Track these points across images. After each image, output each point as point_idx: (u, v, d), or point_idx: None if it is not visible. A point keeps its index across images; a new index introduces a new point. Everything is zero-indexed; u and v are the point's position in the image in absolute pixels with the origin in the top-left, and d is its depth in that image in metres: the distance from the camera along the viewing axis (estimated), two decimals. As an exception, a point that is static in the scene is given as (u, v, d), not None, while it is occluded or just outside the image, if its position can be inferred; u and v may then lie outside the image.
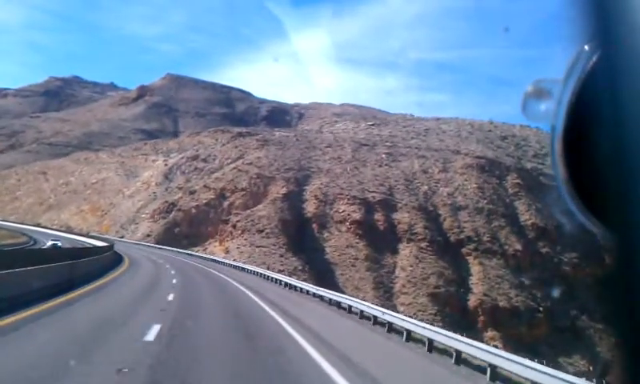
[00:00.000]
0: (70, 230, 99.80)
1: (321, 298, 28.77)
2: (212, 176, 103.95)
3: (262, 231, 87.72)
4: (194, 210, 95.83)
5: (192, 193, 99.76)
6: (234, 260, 78.60)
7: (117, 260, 45.64)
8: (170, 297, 21.84)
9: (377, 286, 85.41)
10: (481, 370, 12.72)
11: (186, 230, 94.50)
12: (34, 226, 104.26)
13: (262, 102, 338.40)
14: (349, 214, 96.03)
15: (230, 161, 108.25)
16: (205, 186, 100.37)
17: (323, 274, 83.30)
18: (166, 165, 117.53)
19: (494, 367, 11.86)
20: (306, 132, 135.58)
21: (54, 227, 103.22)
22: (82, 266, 27.82)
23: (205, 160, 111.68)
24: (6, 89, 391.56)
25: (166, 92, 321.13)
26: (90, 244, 63.18)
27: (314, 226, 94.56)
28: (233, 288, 32.16)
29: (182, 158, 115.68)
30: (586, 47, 0.83)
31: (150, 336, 11.77)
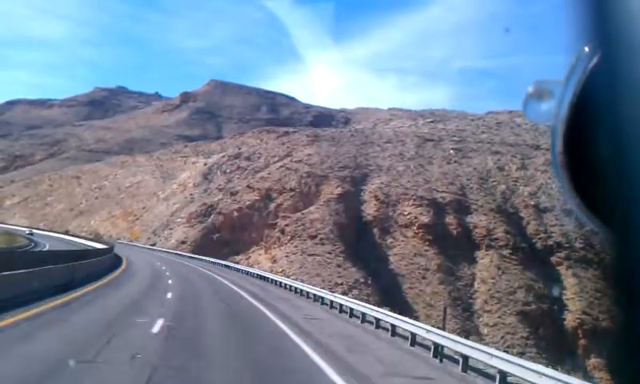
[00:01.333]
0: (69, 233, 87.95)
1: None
2: (256, 175, 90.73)
3: (314, 237, 73.74)
4: (235, 214, 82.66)
5: (234, 194, 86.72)
6: (282, 271, 65.33)
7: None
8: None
9: (453, 303, 70.16)
10: None
11: (226, 235, 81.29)
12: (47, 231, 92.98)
13: (307, 107, 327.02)
14: (415, 217, 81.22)
15: (276, 159, 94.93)
16: (248, 187, 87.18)
17: (388, 288, 69.16)
18: (205, 164, 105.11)
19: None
20: (361, 129, 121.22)
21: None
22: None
23: (248, 158, 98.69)
24: (51, 100, 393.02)
25: (209, 98, 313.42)
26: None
27: (375, 230, 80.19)
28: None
29: (223, 156, 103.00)
30: (587, 48, 0.83)
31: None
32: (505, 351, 21.50)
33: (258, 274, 40.50)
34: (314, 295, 29.61)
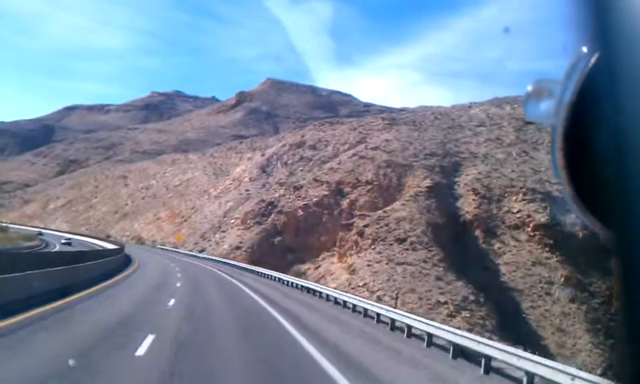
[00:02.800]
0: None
1: None
2: (324, 166, 74.89)
3: (402, 240, 56.99)
4: (300, 212, 67.02)
5: (297, 189, 71.14)
6: (364, 286, 49.85)
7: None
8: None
9: (592, 327, 52.09)
10: None
11: (290, 239, 65.71)
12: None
13: (367, 105, 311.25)
14: (528, 216, 63.24)
15: (347, 146, 78.85)
16: (315, 180, 71.42)
17: (501, 307, 51.96)
18: (262, 155, 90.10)
19: None
20: (445, 112, 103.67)
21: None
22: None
23: (313, 147, 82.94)
24: (108, 105, 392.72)
25: (265, 97, 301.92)
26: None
27: (478, 232, 62.74)
28: None
29: (284, 145, 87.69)
30: (587, 47, 0.83)
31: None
32: None
33: (352, 305, 24.06)
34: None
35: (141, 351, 10.09)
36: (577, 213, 0.87)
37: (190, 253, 65.01)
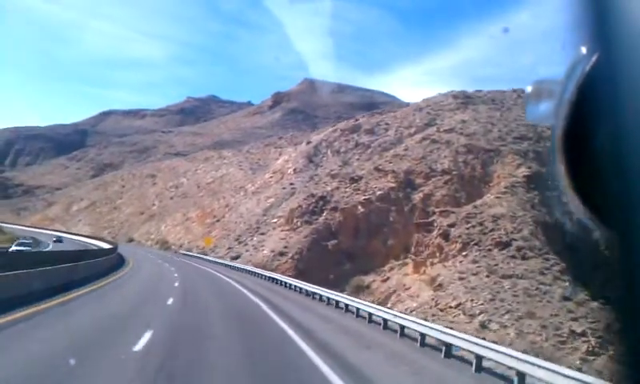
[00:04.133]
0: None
1: None
2: (386, 153, 60.46)
3: (506, 245, 41.88)
4: (360, 209, 52.75)
5: (355, 180, 56.84)
6: (458, 307, 35.47)
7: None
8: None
9: None
10: None
11: (347, 242, 51.47)
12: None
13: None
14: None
15: (413, 130, 64.20)
16: (377, 170, 57.04)
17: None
18: (309, 143, 76.10)
19: None
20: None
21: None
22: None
23: (371, 132, 68.47)
24: (143, 110, 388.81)
25: (303, 97, 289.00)
26: None
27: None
28: None
29: (334, 130, 73.50)
30: (586, 48, 0.82)
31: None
32: None
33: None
34: None
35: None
36: (577, 212, 0.86)
37: (220, 261, 51.31)
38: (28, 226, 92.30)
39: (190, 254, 60.43)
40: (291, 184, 63.97)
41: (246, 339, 13.47)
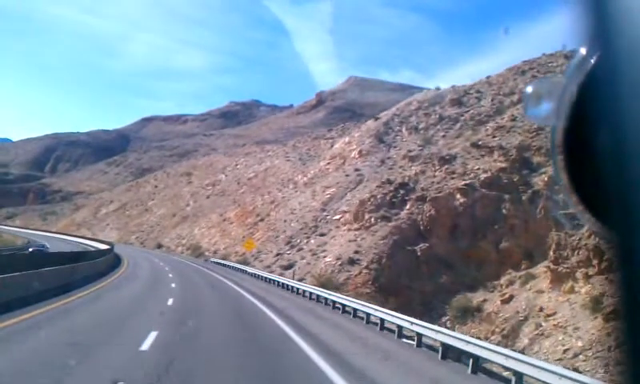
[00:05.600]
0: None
1: None
2: (484, 127, 45.20)
3: None
4: (458, 198, 37.63)
5: (446, 161, 41.67)
6: None
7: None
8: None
9: None
10: None
11: (442, 245, 36.45)
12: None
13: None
14: None
15: (517, 96, 48.67)
16: (475, 146, 41.86)
17: None
18: (377, 119, 61.21)
19: None
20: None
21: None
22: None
23: (458, 102, 53.13)
24: (185, 115, 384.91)
25: (348, 96, 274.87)
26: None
27: None
28: None
29: (409, 103, 58.32)
30: (587, 47, 0.82)
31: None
32: None
33: None
34: None
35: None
36: (577, 212, 0.85)
37: (266, 274, 36.58)
38: (32, 230, 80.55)
39: (225, 263, 46.12)
40: (356, 170, 49.17)
41: None
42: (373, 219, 39.36)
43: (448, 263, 36.45)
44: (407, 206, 39.31)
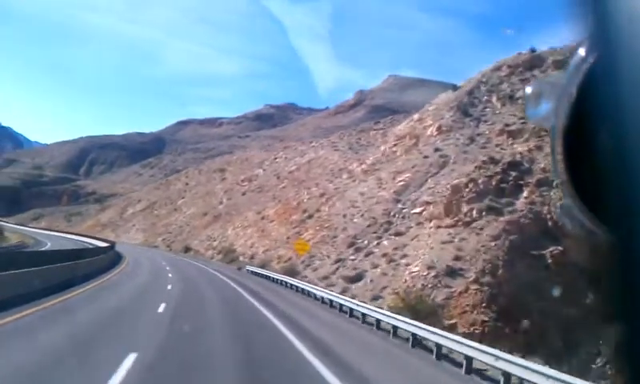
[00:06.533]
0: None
1: None
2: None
3: None
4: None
5: (570, 132, 30.00)
6: None
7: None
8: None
9: None
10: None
11: (586, 249, 24.41)
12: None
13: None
14: None
15: None
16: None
17: None
18: (455, 88, 49.58)
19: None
20: None
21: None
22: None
23: (565, 64, 41.29)
24: (221, 118, 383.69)
25: (388, 95, 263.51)
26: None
27: None
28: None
29: (496, 68, 46.36)
30: (586, 48, 0.81)
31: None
32: None
33: None
34: None
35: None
36: (578, 212, 0.85)
37: (325, 295, 24.89)
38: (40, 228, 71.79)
39: (264, 272, 34.68)
40: (437, 150, 37.61)
41: None
42: (475, 212, 27.83)
43: (594, 275, 24.57)
44: (524, 194, 27.65)
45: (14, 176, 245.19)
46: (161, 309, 16.27)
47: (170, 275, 30.67)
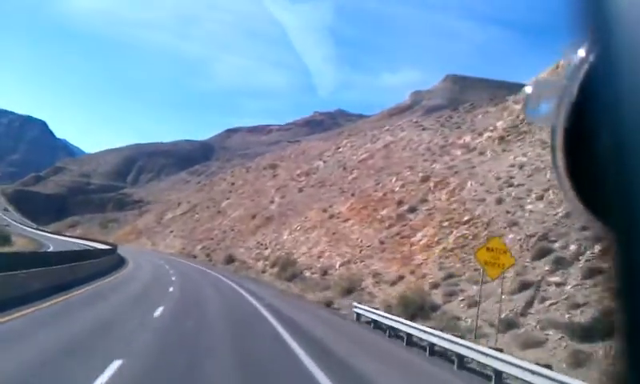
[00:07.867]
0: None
1: None
2: None
3: None
4: None
5: None
6: None
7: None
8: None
9: None
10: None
11: None
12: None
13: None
14: None
15: None
16: None
17: None
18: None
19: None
20: None
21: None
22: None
23: None
24: (270, 125, 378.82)
25: (446, 95, 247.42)
26: None
27: None
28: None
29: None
30: (587, 48, 0.81)
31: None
32: None
33: None
34: None
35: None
36: (579, 211, 0.85)
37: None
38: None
39: (378, 318, 17.38)
40: None
41: None
42: None
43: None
44: None
45: (61, 184, 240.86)
46: None
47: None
